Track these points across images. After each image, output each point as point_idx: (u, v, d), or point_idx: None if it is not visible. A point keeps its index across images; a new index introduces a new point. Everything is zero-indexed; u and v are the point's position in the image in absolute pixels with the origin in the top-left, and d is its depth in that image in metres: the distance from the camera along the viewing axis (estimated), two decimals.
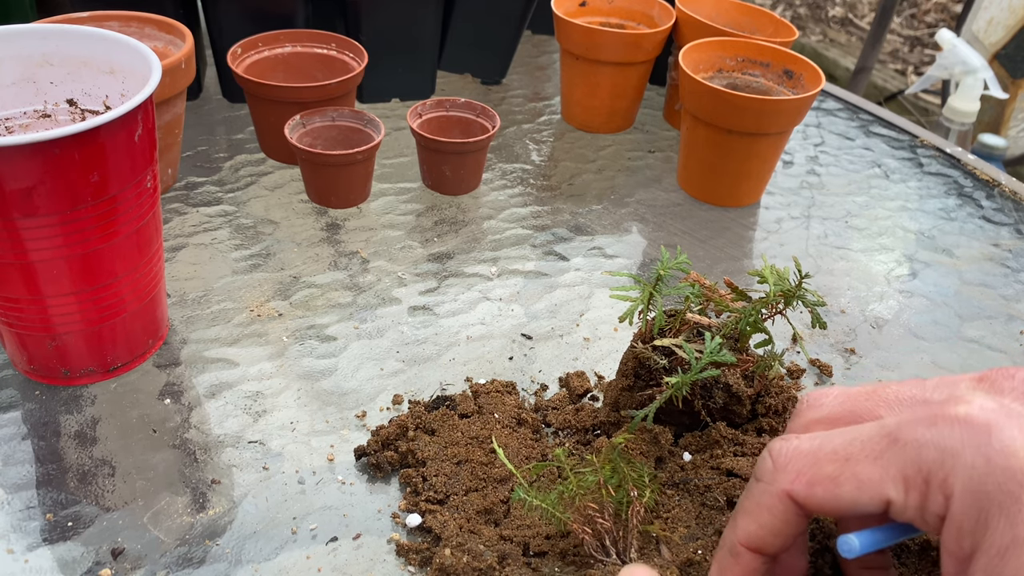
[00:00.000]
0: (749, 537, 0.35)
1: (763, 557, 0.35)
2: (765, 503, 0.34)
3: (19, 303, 0.51)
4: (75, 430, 0.53)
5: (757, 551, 0.35)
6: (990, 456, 0.29)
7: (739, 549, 0.35)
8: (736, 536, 0.36)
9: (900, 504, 0.31)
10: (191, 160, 0.82)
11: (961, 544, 0.30)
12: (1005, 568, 0.28)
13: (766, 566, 0.36)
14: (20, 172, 0.45)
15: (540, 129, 0.94)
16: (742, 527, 0.35)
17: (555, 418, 0.56)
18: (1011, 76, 1.97)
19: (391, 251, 0.72)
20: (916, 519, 0.31)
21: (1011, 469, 0.28)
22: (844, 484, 0.32)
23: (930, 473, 0.30)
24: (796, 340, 0.66)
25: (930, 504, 0.30)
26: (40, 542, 0.47)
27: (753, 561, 0.35)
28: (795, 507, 0.34)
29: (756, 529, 0.35)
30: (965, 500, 0.29)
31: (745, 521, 0.35)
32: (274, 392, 0.58)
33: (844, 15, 3.18)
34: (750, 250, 0.78)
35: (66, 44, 0.55)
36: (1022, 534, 0.28)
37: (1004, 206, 0.87)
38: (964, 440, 0.30)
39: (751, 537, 0.35)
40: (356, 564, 0.47)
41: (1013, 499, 0.28)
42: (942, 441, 0.30)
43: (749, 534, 0.35)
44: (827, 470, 0.33)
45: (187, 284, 0.66)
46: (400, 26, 0.89)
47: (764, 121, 0.76)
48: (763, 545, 0.35)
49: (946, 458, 0.30)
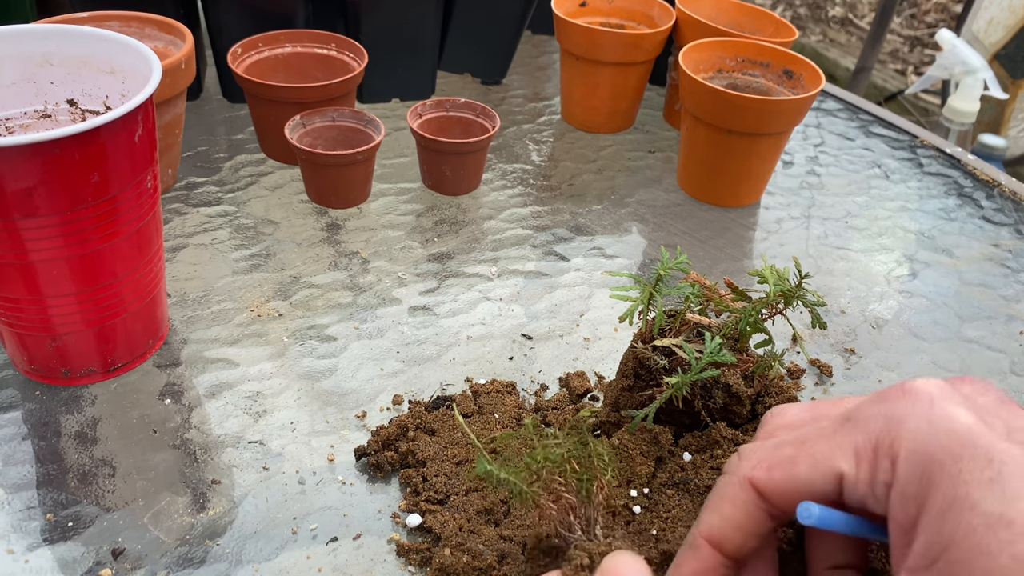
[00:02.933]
0: (710, 530, 0.35)
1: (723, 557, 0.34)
2: (728, 494, 0.34)
3: (19, 303, 0.51)
4: (75, 430, 0.53)
5: (717, 546, 0.34)
6: (932, 419, 0.30)
7: (699, 542, 0.35)
8: (698, 529, 0.35)
9: (852, 478, 0.32)
10: (191, 160, 0.82)
11: (906, 510, 0.30)
12: (945, 527, 0.28)
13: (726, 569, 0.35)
14: (20, 172, 0.45)
15: (540, 129, 0.94)
16: (704, 520, 0.35)
17: (555, 418, 0.56)
18: (1011, 76, 1.97)
19: (391, 251, 0.72)
20: (868, 496, 0.31)
21: (952, 431, 0.29)
22: (800, 463, 0.33)
23: (878, 441, 0.31)
24: (796, 340, 0.66)
25: (879, 472, 0.31)
26: (40, 542, 0.47)
27: (711, 557, 0.34)
28: (756, 497, 0.34)
29: (717, 521, 0.34)
30: (909, 463, 0.30)
31: (707, 514, 0.35)
32: (274, 392, 0.58)
33: (844, 15, 3.18)
34: (750, 250, 0.78)
35: (66, 44, 0.55)
36: (963, 493, 0.28)
37: (1004, 206, 0.87)
38: (908, 409, 0.31)
39: (712, 530, 0.35)
40: (356, 564, 0.47)
41: (954, 458, 0.29)
42: (889, 411, 0.31)
43: (710, 526, 0.35)
44: (786, 453, 0.34)
45: (187, 284, 0.66)
46: (400, 26, 0.89)
47: (764, 121, 0.76)
48: (723, 539, 0.34)
49: (892, 425, 0.31)
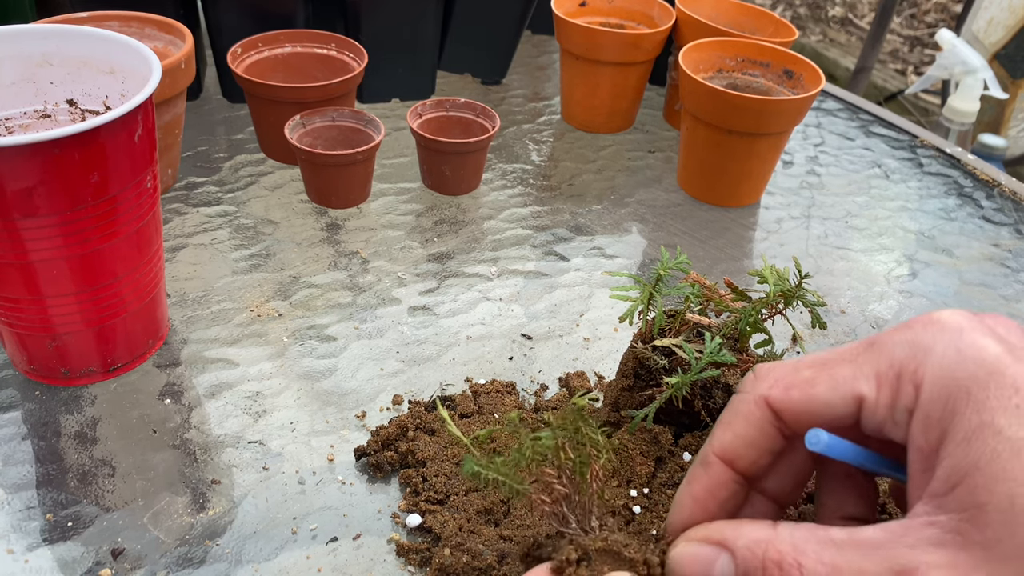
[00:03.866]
0: (723, 446, 0.34)
1: (735, 473, 0.34)
2: (742, 411, 0.34)
3: (19, 303, 0.51)
4: (75, 430, 0.53)
5: (729, 463, 0.34)
6: (961, 348, 0.30)
7: (711, 458, 0.34)
8: (710, 446, 0.35)
9: (872, 401, 0.31)
10: (191, 160, 0.82)
11: (928, 435, 0.29)
12: (970, 453, 0.28)
13: (738, 485, 0.35)
14: (20, 172, 0.45)
15: (540, 129, 0.94)
16: (717, 436, 0.35)
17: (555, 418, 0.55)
18: (1011, 76, 1.97)
19: (391, 251, 0.72)
20: (887, 422, 0.31)
21: (981, 359, 0.29)
22: (819, 384, 0.32)
23: (902, 367, 0.31)
24: (796, 340, 0.66)
25: (901, 397, 0.30)
26: (40, 542, 0.47)
27: (723, 473, 0.34)
28: (771, 415, 0.33)
29: (731, 438, 0.34)
30: (934, 388, 0.29)
31: (720, 430, 0.35)
32: (274, 392, 0.58)
33: (844, 15, 3.18)
34: (750, 250, 0.78)
35: (66, 44, 0.55)
36: (988, 419, 0.28)
37: (1004, 206, 0.87)
38: (936, 337, 0.30)
39: (724, 446, 0.34)
40: (356, 564, 0.47)
41: (981, 385, 0.28)
42: (915, 339, 0.31)
43: (723, 443, 0.34)
44: (805, 374, 0.33)
45: (187, 284, 0.66)
46: (400, 26, 0.89)
47: (764, 121, 0.76)
48: (735, 456, 0.34)
49: (918, 352, 0.30)
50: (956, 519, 0.27)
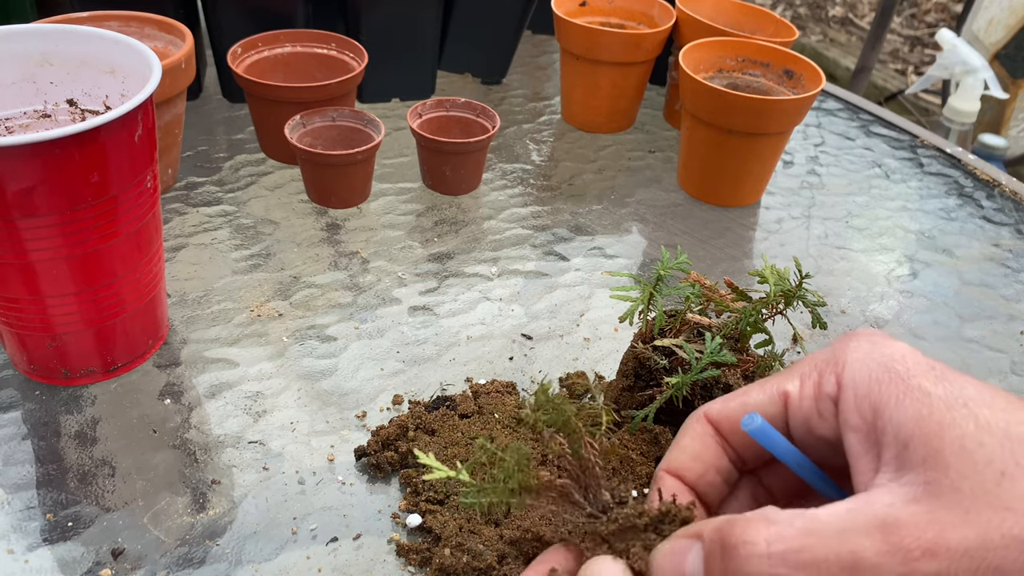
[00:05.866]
0: (669, 462, 0.37)
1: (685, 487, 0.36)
2: (687, 428, 0.37)
3: (19, 303, 0.51)
4: (75, 430, 0.53)
5: (677, 476, 0.36)
6: (876, 343, 0.33)
7: (661, 474, 0.37)
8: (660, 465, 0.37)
9: (796, 395, 0.34)
10: (191, 160, 0.82)
11: (861, 410, 0.31)
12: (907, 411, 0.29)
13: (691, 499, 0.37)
14: (20, 172, 0.45)
15: (540, 129, 0.94)
16: (666, 456, 0.37)
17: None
18: (1011, 76, 1.97)
19: (391, 251, 0.72)
20: (812, 414, 0.33)
21: (895, 348, 0.32)
22: (751, 392, 0.36)
23: (823, 364, 0.34)
24: (796, 340, 0.66)
25: (824, 386, 0.33)
26: (40, 542, 0.47)
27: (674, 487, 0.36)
28: (711, 428, 0.36)
29: (676, 453, 0.37)
30: (856, 371, 0.32)
31: (669, 450, 0.37)
32: (274, 392, 0.58)
33: (844, 15, 3.18)
34: (750, 250, 0.78)
35: (66, 44, 0.55)
36: (916, 384, 0.30)
37: (1004, 206, 0.87)
38: (853, 343, 0.33)
39: (670, 462, 0.37)
40: (356, 564, 0.47)
41: (899, 362, 0.31)
42: (834, 346, 0.34)
43: (669, 460, 0.37)
44: (742, 390, 0.36)
45: (187, 284, 0.66)
46: (400, 26, 0.89)
47: (764, 121, 0.76)
48: (680, 468, 0.36)
49: (836, 352, 0.34)
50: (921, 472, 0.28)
